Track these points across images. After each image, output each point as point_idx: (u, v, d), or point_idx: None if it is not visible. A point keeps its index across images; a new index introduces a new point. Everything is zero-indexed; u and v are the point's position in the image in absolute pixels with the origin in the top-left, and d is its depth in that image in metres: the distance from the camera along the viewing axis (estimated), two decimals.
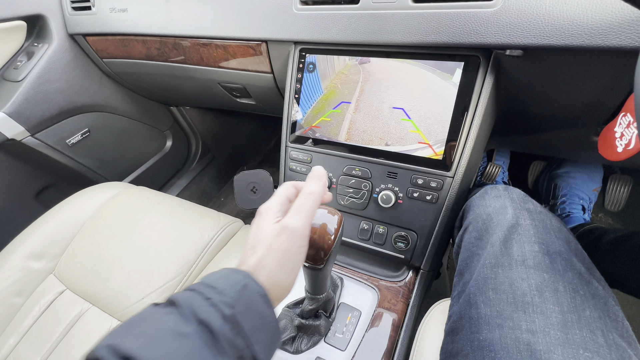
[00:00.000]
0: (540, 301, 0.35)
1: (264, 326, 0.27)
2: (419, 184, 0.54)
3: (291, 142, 0.64)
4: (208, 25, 0.65)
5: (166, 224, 0.68)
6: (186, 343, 0.23)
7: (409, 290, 0.58)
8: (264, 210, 0.33)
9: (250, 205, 0.63)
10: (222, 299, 0.25)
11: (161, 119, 1.17)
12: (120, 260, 0.64)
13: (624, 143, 0.38)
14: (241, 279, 0.27)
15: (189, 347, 0.23)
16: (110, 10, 0.75)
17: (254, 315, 0.26)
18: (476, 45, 0.46)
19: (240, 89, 0.79)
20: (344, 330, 0.51)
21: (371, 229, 0.60)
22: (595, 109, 0.51)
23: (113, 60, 0.86)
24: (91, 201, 0.75)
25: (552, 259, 0.38)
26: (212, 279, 0.28)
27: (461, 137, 0.51)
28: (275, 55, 0.64)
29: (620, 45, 0.38)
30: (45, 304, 0.62)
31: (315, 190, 0.34)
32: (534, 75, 0.49)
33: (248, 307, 0.26)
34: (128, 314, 0.59)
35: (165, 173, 1.27)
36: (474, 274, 0.41)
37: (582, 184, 0.93)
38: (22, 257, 0.66)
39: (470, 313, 0.38)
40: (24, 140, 0.81)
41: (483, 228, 0.44)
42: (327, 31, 0.54)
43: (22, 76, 0.78)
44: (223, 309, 0.25)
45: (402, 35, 0.49)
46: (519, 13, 0.42)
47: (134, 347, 0.22)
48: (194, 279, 0.62)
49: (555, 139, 0.70)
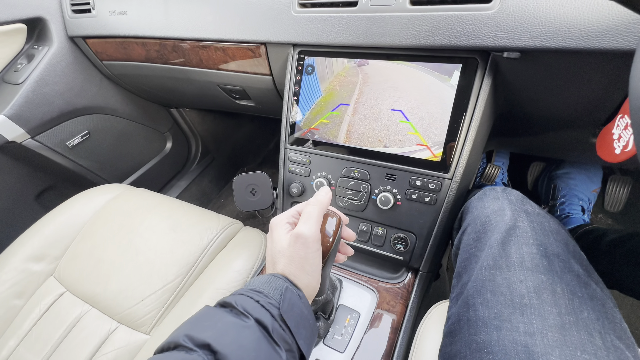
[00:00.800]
0: (538, 303, 0.35)
1: (305, 323, 0.31)
2: (418, 185, 0.54)
3: (290, 144, 0.64)
4: (207, 28, 0.65)
5: (166, 225, 0.68)
6: (250, 333, 0.27)
7: (408, 291, 0.58)
8: (274, 225, 0.37)
9: (249, 207, 0.63)
10: (269, 301, 0.30)
11: (161, 121, 1.17)
12: (120, 262, 0.64)
13: (621, 145, 0.38)
14: (282, 283, 0.32)
15: (253, 336, 0.27)
16: (110, 13, 0.75)
17: (296, 315, 0.30)
18: (474, 48, 0.46)
19: (240, 90, 0.79)
20: (342, 332, 0.51)
21: (370, 230, 0.60)
22: (593, 110, 0.51)
23: (113, 63, 0.86)
24: (91, 203, 0.75)
25: (550, 261, 0.38)
26: (257, 283, 0.32)
27: (459, 139, 0.51)
28: (274, 58, 0.64)
29: (616, 47, 0.38)
30: (45, 306, 0.62)
31: (321, 200, 0.38)
32: (531, 77, 0.49)
33: (291, 307, 0.30)
34: (128, 316, 0.59)
35: (165, 174, 1.27)
36: (472, 275, 0.41)
37: (582, 185, 0.93)
38: (22, 259, 0.66)
39: (468, 315, 0.38)
40: (24, 143, 0.82)
41: (481, 230, 0.45)
42: (325, 34, 0.55)
43: (22, 79, 0.78)
44: (271, 310, 0.29)
45: (400, 37, 0.49)
46: (516, 16, 0.42)
47: (207, 336, 0.26)
48: (193, 280, 0.62)
49: (553, 141, 0.70)
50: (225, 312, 0.29)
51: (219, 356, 0.25)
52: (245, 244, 0.67)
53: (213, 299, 0.57)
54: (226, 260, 0.64)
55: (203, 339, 0.26)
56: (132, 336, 0.58)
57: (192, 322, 0.29)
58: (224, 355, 0.25)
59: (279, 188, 0.67)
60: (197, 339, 0.26)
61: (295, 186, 0.63)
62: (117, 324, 0.59)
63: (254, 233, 0.70)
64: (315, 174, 0.62)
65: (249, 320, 0.28)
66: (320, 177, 0.62)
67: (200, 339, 0.26)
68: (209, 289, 0.58)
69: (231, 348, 0.25)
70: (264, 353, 0.26)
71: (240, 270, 0.61)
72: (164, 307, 0.59)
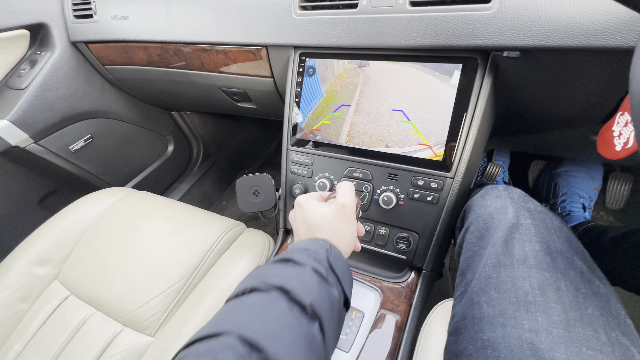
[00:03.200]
0: (543, 300, 0.35)
1: (346, 272, 0.38)
2: (420, 185, 0.55)
3: (292, 145, 0.65)
4: (208, 31, 0.66)
5: (169, 228, 0.68)
6: (311, 277, 0.32)
7: (412, 291, 0.58)
8: (302, 200, 0.44)
9: (252, 209, 0.63)
10: (318, 256, 0.35)
11: (163, 124, 1.18)
12: (124, 265, 0.64)
13: (622, 142, 0.38)
14: (324, 243, 0.38)
15: (314, 279, 0.32)
16: (112, 18, 0.76)
17: (340, 265, 0.37)
18: (474, 47, 0.46)
19: (241, 93, 0.80)
20: (347, 331, 0.51)
21: (373, 230, 0.60)
22: (593, 107, 0.52)
23: (115, 67, 0.87)
24: (94, 207, 0.75)
25: (553, 258, 0.38)
26: (304, 244, 0.38)
27: (460, 138, 0.51)
28: (276, 60, 0.65)
29: (616, 45, 0.38)
30: (50, 310, 0.62)
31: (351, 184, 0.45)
32: (531, 75, 0.49)
33: (336, 260, 0.37)
34: (133, 318, 0.59)
35: (167, 177, 1.28)
36: (476, 273, 0.41)
37: (582, 183, 0.93)
38: (26, 263, 0.66)
39: (473, 313, 0.39)
40: (27, 147, 0.82)
41: (484, 228, 0.45)
42: (326, 35, 0.55)
43: (25, 84, 0.79)
44: (322, 261, 0.35)
45: (401, 38, 0.50)
46: (516, 15, 0.42)
47: (278, 281, 0.31)
48: (197, 282, 0.63)
49: (554, 139, 0.70)
50: (284, 265, 0.34)
51: (292, 294, 0.30)
52: (249, 245, 0.67)
53: (217, 301, 0.57)
54: (230, 262, 0.64)
55: (275, 282, 0.31)
56: (137, 338, 0.58)
57: (259, 274, 0.33)
58: (295, 292, 0.30)
59: (281, 189, 0.68)
60: (271, 283, 0.31)
61: (298, 187, 0.64)
62: (122, 327, 0.59)
63: (257, 234, 0.71)
64: (318, 174, 0.63)
65: (306, 267, 0.33)
66: (323, 177, 0.62)
67: (274, 283, 0.31)
68: (213, 291, 0.59)
69: (300, 288, 0.31)
70: (324, 290, 0.32)
71: (244, 272, 0.61)
72: (169, 309, 0.60)
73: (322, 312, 0.30)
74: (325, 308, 0.31)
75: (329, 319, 0.31)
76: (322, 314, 0.30)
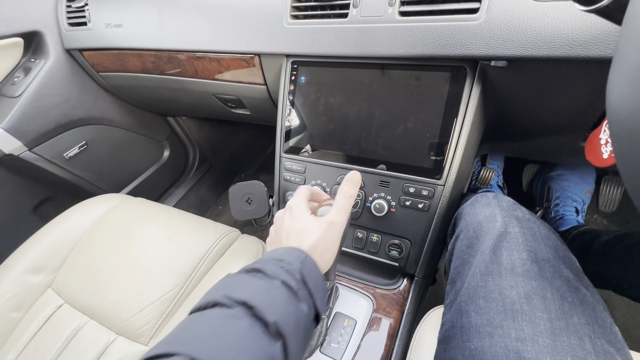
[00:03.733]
0: (529, 309, 0.35)
1: (320, 287, 0.36)
2: (411, 192, 0.55)
3: (285, 152, 0.65)
4: (202, 40, 0.66)
5: (163, 235, 0.69)
6: (279, 292, 0.31)
7: (404, 297, 0.59)
8: (295, 206, 0.43)
9: (245, 217, 0.63)
10: (291, 267, 0.34)
11: (158, 130, 1.18)
12: (118, 273, 0.64)
13: (609, 149, 0.39)
14: (299, 254, 0.37)
15: (283, 295, 0.31)
16: (106, 26, 0.76)
17: (313, 279, 0.35)
18: (462, 57, 0.47)
19: (235, 100, 0.80)
20: (339, 340, 0.52)
21: (365, 237, 0.61)
22: (581, 115, 0.52)
23: (109, 74, 0.87)
24: (89, 214, 0.75)
25: (540, 266, 0.38)
26: (278, 254, 0.37)
27: (450, 146, 0.51)
28: (268, 68, 0.65)
29: (599, 55, 0.39)
30: (43, 318, 0.62)
31: (354, 193, 0.43)
32: (519, 84, 0.50)
33: (309, 273, 0.35)
34: (126, 327, 0.59)
35: (163, 183, 1.28)
36: (465, 282, 0.42)
37: (575, 187, 0.93)
38: (20, 271, 0.66)
39: (461, 321, 0.39)
40: (21, 155, 0.82)
41: (473, 236, 0.45)
42: (317, 44, 0.55)
43: (19, 92, 0.79)
44: (294, 274, 0.34)
45: (390, 47, 0.50)
46: (502, 26, 0.43)
47: (243, 295, 0.29)
48: (191, 290, 0.63)
49: (544, 145, 0.71)
50: (253, 277, 0.33)
51: (256, 310, 0.28)
52: (243, 252, 0.67)
53: None
54: (224, 269, 0.64)
55: (240, 297, 0.29)
56: (130, 347, 0.58)
57: (225, 286, 0.32)
58: (260, 308, 0.29)
59: (275, 196, 0.68)
60: (235, 297, 0.29)
61: (291, 194, 0.64)
62: (115, 335, 0.59)
63: (251, 241, 0.71)
64: (311, 182, 0.63)
65: (276, 281, 0.32)
66: (316, 185, 0.62)
67: (238, 297, 0.29)
68: None
69: (265, 303, 0.29)
70: (292, 306, 0.31)
71: None
72: (162, 317, 0.60)
73: (286, 329, 0.29)
74: (291, 325, 0.30)
75: (293, 337, 0.30)
76: (287, 332, 0.29)
